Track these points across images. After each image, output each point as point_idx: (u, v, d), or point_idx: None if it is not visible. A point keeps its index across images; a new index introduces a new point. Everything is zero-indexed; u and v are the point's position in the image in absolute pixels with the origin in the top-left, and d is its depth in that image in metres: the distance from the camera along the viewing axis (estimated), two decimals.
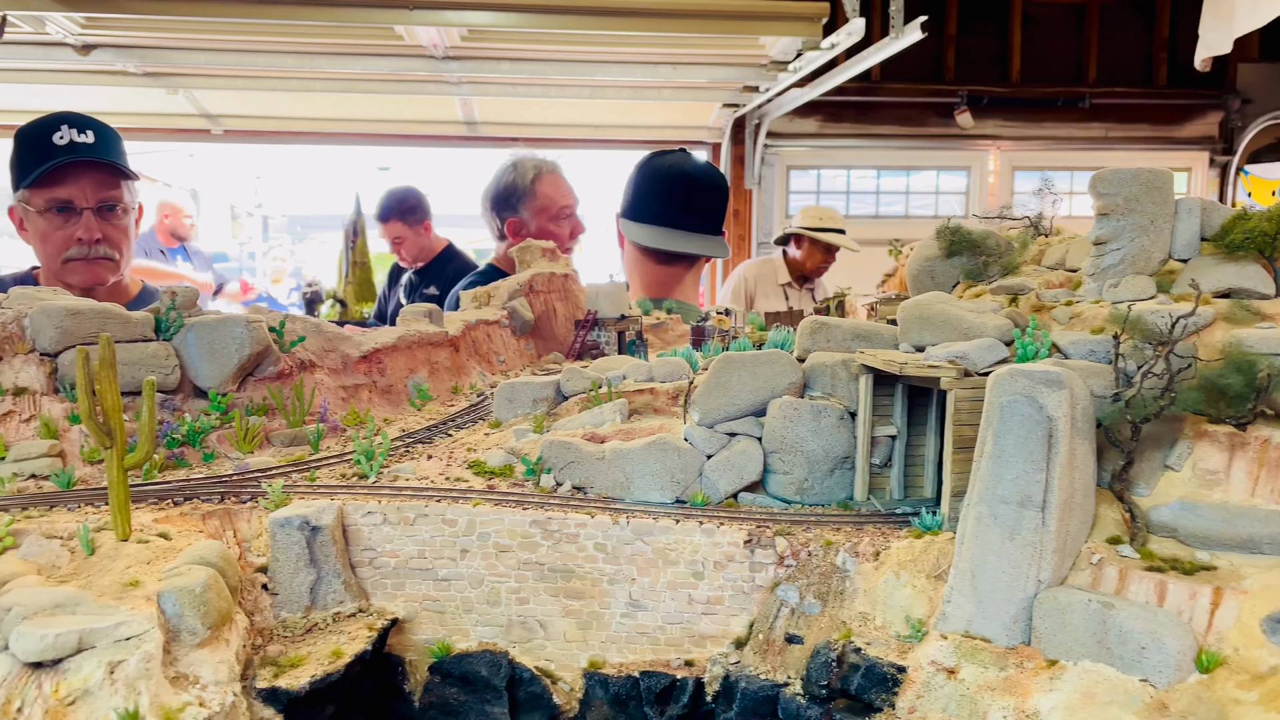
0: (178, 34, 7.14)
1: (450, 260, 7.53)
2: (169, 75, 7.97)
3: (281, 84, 8.18)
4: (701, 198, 5.22)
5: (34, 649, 1.75)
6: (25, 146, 4.01)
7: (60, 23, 6.50)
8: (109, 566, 2.04)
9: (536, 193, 5.47)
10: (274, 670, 2.07)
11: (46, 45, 6.95)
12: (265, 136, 9.63)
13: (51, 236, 3.95)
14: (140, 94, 8.36)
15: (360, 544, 2.37)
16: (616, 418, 2.73)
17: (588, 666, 2.34)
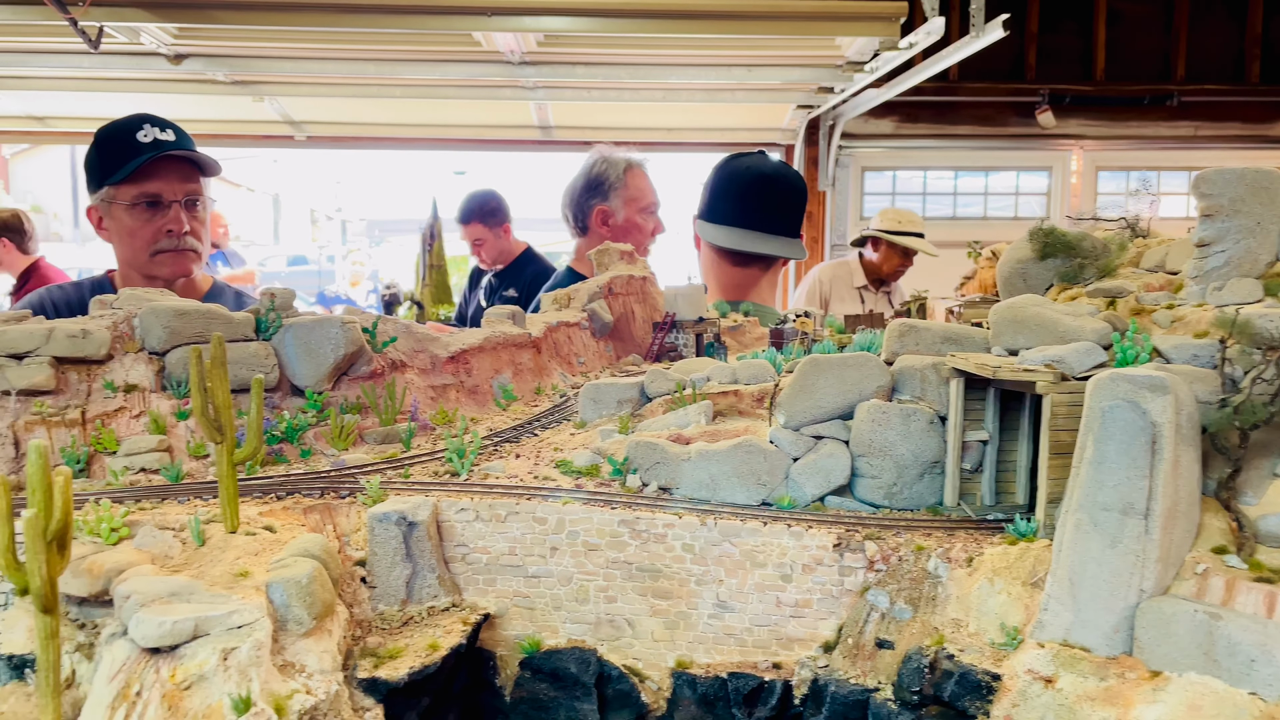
0: (264, 43, 7.38)
1: (529, 263, 7.63)
2: (255, 83, 8.23)
3: (362, 90, 8.39)
4: (778, 199, 5.21)
5: (152, 635, 1.83)
6: (109, 146, 4.18)
7: (154, 33, 6.76)
8: (219, 557, 2.12)
9: (628, 183, 5.52)
10: (374, 661, 2.13)
11: (141, 55, 7.23)
12: (346, 142, 9.88)
13: (140, 231, 4.12)
14: (228, 101, 8.65)
15: (453, 540, 2.43)
16: (701, 419, 2.74)
17: (675, 666, 2.35)
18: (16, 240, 8.44)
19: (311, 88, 8.41)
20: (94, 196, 4.24)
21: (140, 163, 4.02)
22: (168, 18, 6.45)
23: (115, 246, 4.29)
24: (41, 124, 9.05)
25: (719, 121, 9.47)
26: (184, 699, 1.80)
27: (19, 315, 2.75)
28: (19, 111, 8.95)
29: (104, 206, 4.19)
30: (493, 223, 7.61)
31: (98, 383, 2.71)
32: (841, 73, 7.45)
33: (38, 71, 7.70)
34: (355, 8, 6.21)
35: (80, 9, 5.99)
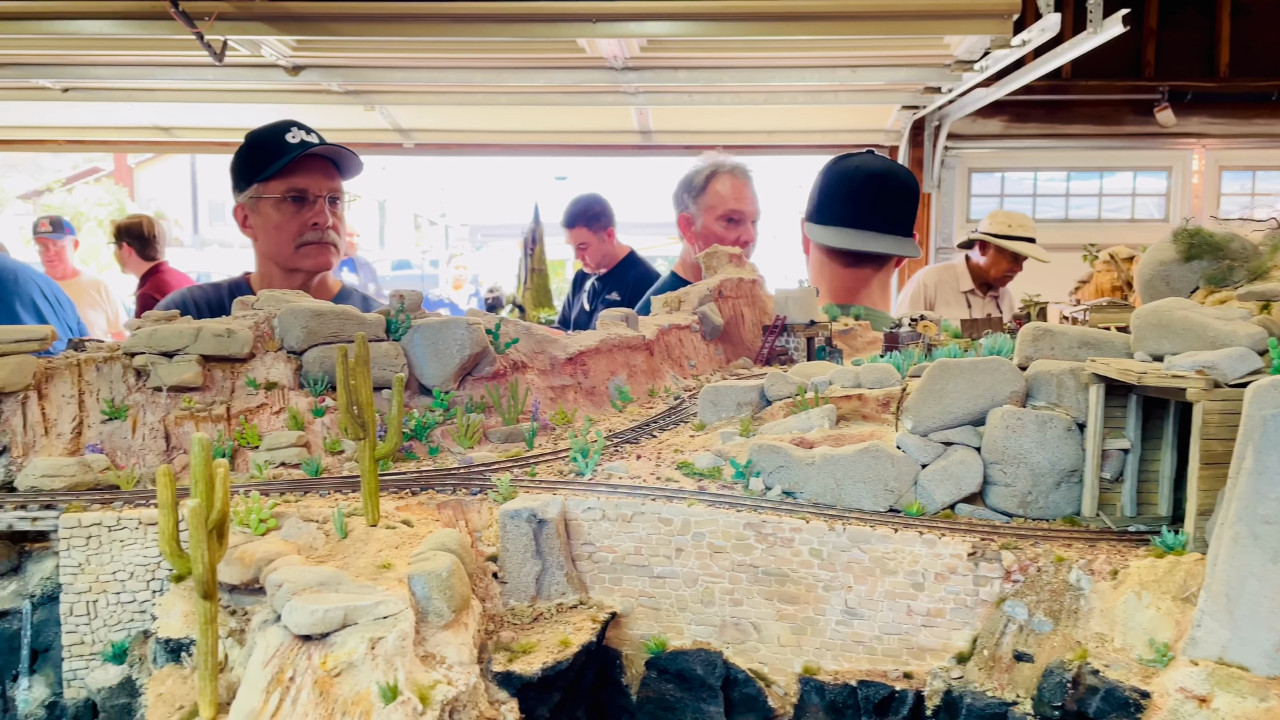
0: (376, 54, 7.61)
1: (632, 267, 7.68)
2: (367, 92, 8.49)
3: (468, 98, 8.58)
4: (888, 196, 5.11)
5: (305, 623, 1.90)
6: (260, 146, 4.42)
7: (274, 46, 7.04)
8: (362, 549, 2.19)
9: (708, 189, 5.51)
10: (508, 655, 2.17)
11: (261, 67, 7.54)
12: (452, 149, 10.12)
13: (286, 224, 4.35)
14: (341, 111, 8.95)
15: (580, 538, 2.46)
16: (825, 423, 2.71)
17: (802, 672, 2.33)
18: (137, 245, 8.90)
19: (420, 96, 8.64)
20: (241, 196, 4.48)
21: (291, 158, 4.24)
22: (288, 31, 6.72)
23: (260, 242, 4.51)
24: (167, 134, 9.52)
25: (821, 124, 9.37)
26: (334, 685, 1.87)
27: (168, 315, 2.90)
28: (146, 122, 9.43)
29: (251, 204, 4.41)
30: (597, 226, 7.69)
31: (241, 380, 2.84)
32: (950, 72, 7.28)
33: (165, 84, 8.09)
34: (465, 17, 6.36)
35: (206, 24, 6.28)
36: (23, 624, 2.36)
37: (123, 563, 2.26)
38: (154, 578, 2.28)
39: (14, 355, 2.55)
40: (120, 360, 2.75)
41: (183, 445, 2.71)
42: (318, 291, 4.49)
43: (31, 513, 2.27)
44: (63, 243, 8.89)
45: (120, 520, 2.26)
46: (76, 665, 2.26)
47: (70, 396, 2.65)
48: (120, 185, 16.89)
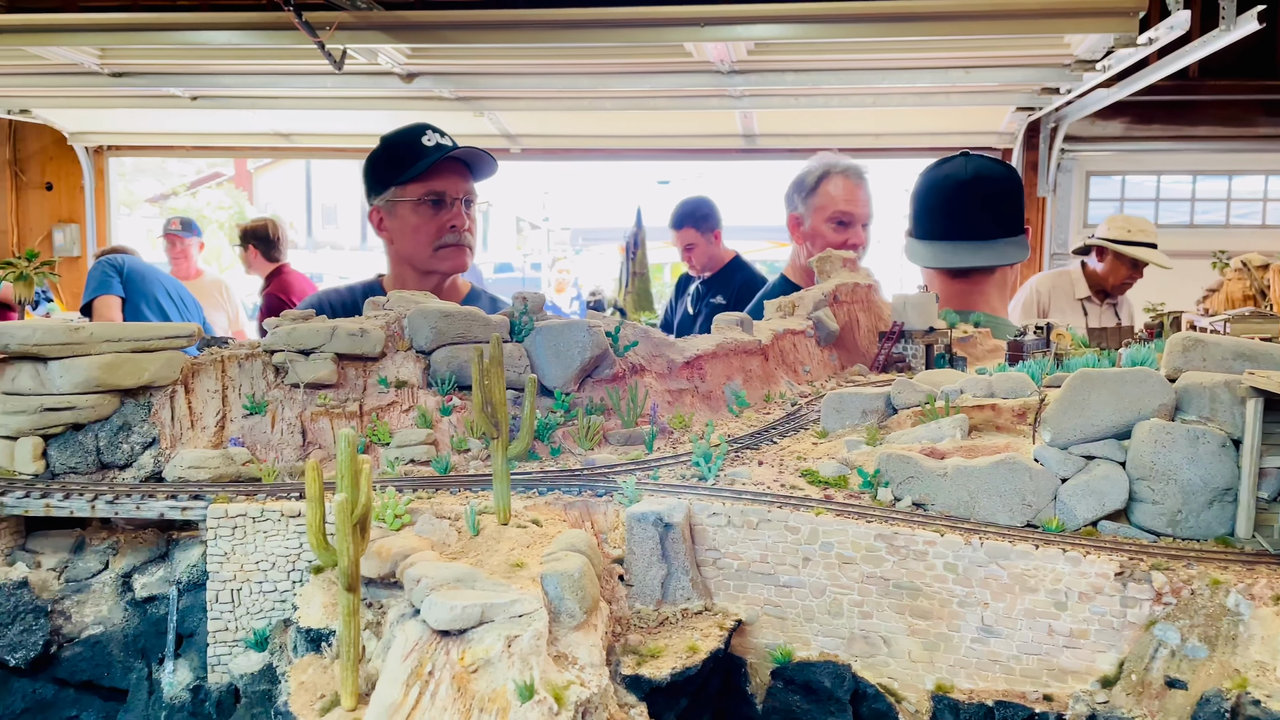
0: (486, 60, 7.75)
1: (737, 270, 7.64)
2: (477, 99, 8.65)
3: (575, 103, 8.66)
4: (983, 203, 4.92)
5: (445, 618, 1.93)
6: (396, 150, 4.53)
7: (390, 54, 7.23)
8: (494, 547, 2.22)
9: (819, 190, 5.42)
10: (636, 659, 2.16)
11: (376, 75, 7.76)
12: (557, 154, 10.23)
13: (424, 226, 4.45)
14: (451, 117, 9.13)
15: (705, 544, 2.44)
16: (956, 433, 2.63)
17: (934, 689, 2.26)
18: (262, 248, 9.25)
19: (528, 102, 8.76)
20: (377, 199, 4.59)
21: (431, 162, 4.34)
22: (404, 39, 6.91)
23: (396, 244, 4.61)
24: (286, 140, 9.89)
25: (930, 126, 9.15)
26: (471, 681, 1.89)
27: (305, 314, 2.99)
28: (267, 129, 9.82)
29: (388, 207, 4.53)
30: (705, 228, 7.67)
31: (372, 378, 2.92)
32: (1070, 72, 7.02)
33: (285, 92, 8.41)
34: (574, 23, 6.42)
35: (328, 34, 6.50)
36: (169, 609, 2.46)
37: (265, 553, 2.34)
38: (294, 568, 2.36)
39: (164, 351, 2.67)
40: (260, 357, 2.85)
41: (318, 440, 2.80)
42: (449, 293, 4.57)
43: (181, 503, 2.37)
44: (189, 242, 9.30)
45: (264, 512, 2.34)
46: (220, 651, 2.35)
47: (214, 391, 2.76)
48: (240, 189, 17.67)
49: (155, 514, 2.37)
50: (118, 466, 2.57)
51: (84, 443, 2.54)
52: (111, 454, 2.56)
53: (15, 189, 9.60)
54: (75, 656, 2.43)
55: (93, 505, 2.36)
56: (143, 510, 2.37)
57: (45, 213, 9.66)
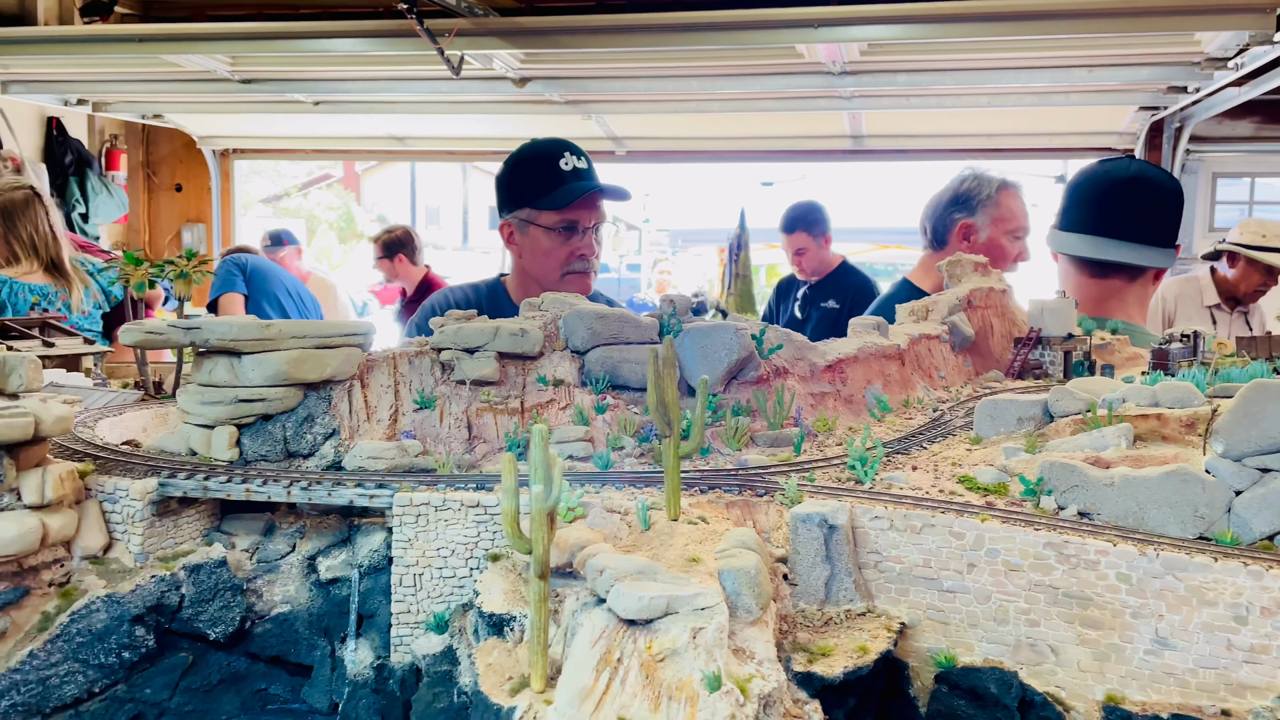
0: (596, 64, 7.87)
1: (848, 274, 7.63)
2: (586, 102, 8.78)
3: (682, 106, 8.72)
4: (1143, 203, 4.84)
5: (632, 608, 2.01)
6: (535, 171, 4.62)
7: (505, 59, 7.41)
8: (667, 542, 2.30)
9: (999, 203, 5.37)
10: (807, 656, 2.21)
11: (490, 80, 7.95)
12: (662, 156, 10.32)
13: (555, 252, 4.55)
14: (560, 120, 9.31)
15: (866, 546, 2.47)
16: (1121, 443, 2.61)
17: (1105, 700, 2.25)
18: (410, 255, 9.63)
19: (635, 104, 8.86)
20: (509, 214, 4.69)
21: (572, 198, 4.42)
22: (519, 45, 7.06)
23: (524, 261, 4.72)
24: (400, 143, 10.20)
25: (1048, 126, 8.94)
26: (658, 670, 1.97)
27: (468, 315, 3.12)
28: (382, 132, 10.15)
29: (520, 225, 4.63)
30: (816, 233, 7.68)
31: (531, 376, 3.03)
32: (1198, 70, 6.79)
33: (402, 96, 8.68)
34: (686, 26, 6.48)
35: (447, 40, 6.71)
36: (351, 591, 2.61)
37: (446, 540, 2.46)
38: (471, 555, 2.47)
39: (344, 347, 2.82)
40: (429, 355, 2.99)
41: (483, 435, 2.92)
42: None
43: (368, 491, 2.51)
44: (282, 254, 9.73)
45: (445, 501, 2.46)
46: (403, 632, 2.48)
47: (388, 386, 2.90)
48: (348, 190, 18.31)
49: (345, 500, 2.51)
50: (302, 455, 2.73)
51: (273, 432, 2.70)
52: (297, 443, 2.72)
53: (148, 190, 10.13)
54: (265, 633, 2.59)
55: (288, 491, 2.51)
56: (334, 497, 2.52)
57: (175, 213, 10.18)
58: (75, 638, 2.29)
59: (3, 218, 5.63)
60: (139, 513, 2.48)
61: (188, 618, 2.47)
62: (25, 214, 5.70)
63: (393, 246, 9.54)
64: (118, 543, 2.51)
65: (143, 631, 2.39)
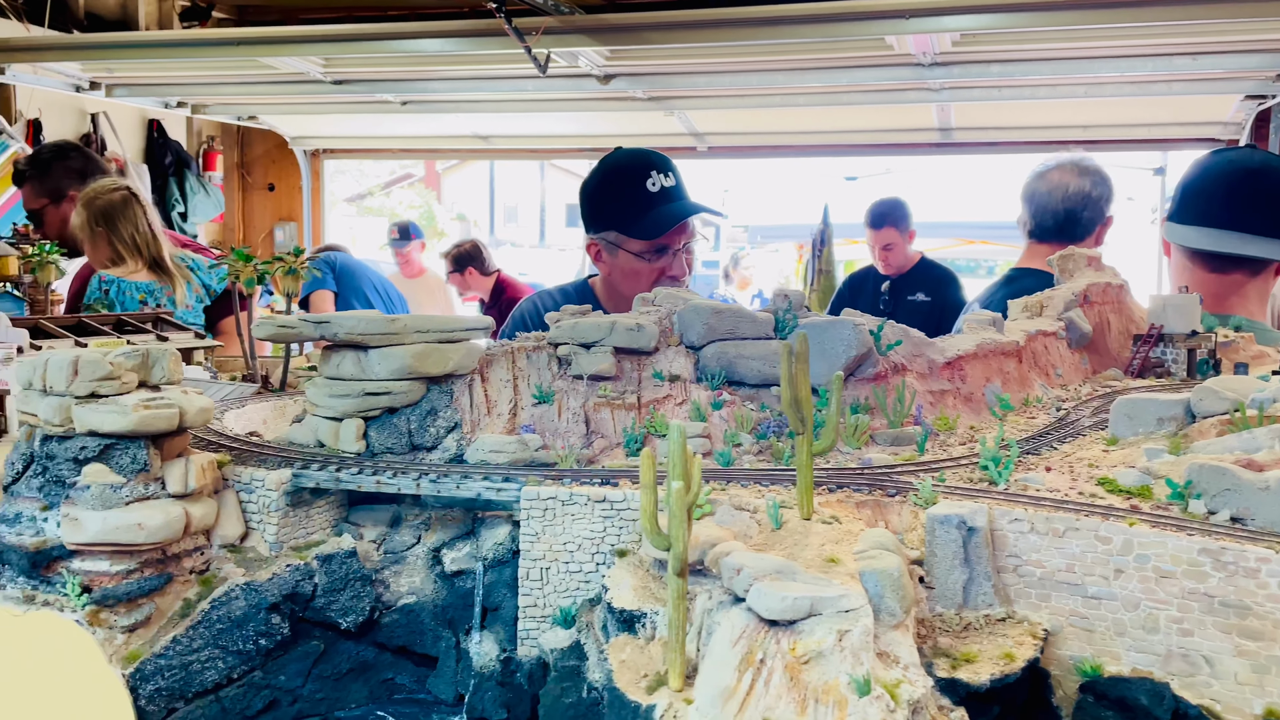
0: (680, 60, 7.84)
1: (932, 267, 7.55)
2: (669, 98, 8.76)
3: (766, 100, 8.64)
4: (1265, 194, 4.61)
5: (776, 608, 1.97)
6: (622, 195, 4.54)
7: (590, 56, 7.42)
8: (802, 542, 2.25)
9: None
10: (950, 662, 2.14)
11: (575, 77, 7.97)
12: (744, 151, 10.25)
13: (643, 273, 4.50)
14: (643, 117, 9.31)
15: (1005, 550, 2.39)
16: (1275, 444, 2.48)
17: (1265, 715, 2.13)
18: (478, 266, 9.80)
19: (718, 100, 8.81)
20: (597, 234, 4.62)
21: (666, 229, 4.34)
22: (605, 41, 7.07)
23: (612, 278, 4.66)
24: (485, 141, 10.31)
25: (1147, 117, 8.64)
26: (803, 672, 1.92)
27: (583, 310, 3.12)
28: (467, 131, 10.27)
29: (609, 247, 4.57)
30: (903, 228, 7.59)
31: (647, 371, 3.01)
32: None
33: (488, 95, 8.77)
34: (774, 20, 6.40)
35: (534, 38, 6.74)
36: (476, 584, 2.62)
37: (572, 535, 2.45)
38: (597, 551, 2.46)
39: (465, 342, 2.83)
40: (546, 349, 2.99)
41: (600, 430, 2.91)
42: None
43: (496, 484, 2.52)
44: (408, 249, 9.93)
45: (572, 496, 2.45)
46: (529, 625, 2.48)
47: (507, 381, 2.91)
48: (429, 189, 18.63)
49: (473, 493, 2.52)
50: (426, 448, 2.75)
51: (398, 425, 2.73)
52: (421, 436, 2.74)
53: (242, 190, 10.43)
54: (392, 623, 2.62)
55: (418, 483, 2.54)
56: (462, 490, 2.53)
57: (268, 212, 10.46)
58: (215, 624, 2.34)
59: (104, 220, 5.81)
60: (274, 503, 2.52)
61: (320, 607, 2.50)
62: (125, 215, 5.87)
63: (461, 260, 9.72)
64: (253, 532, 2.56)
65: (278, 619, 2.43)
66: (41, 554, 2.25)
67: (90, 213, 5.76)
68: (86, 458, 2.29)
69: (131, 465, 2.30)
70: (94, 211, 5.75)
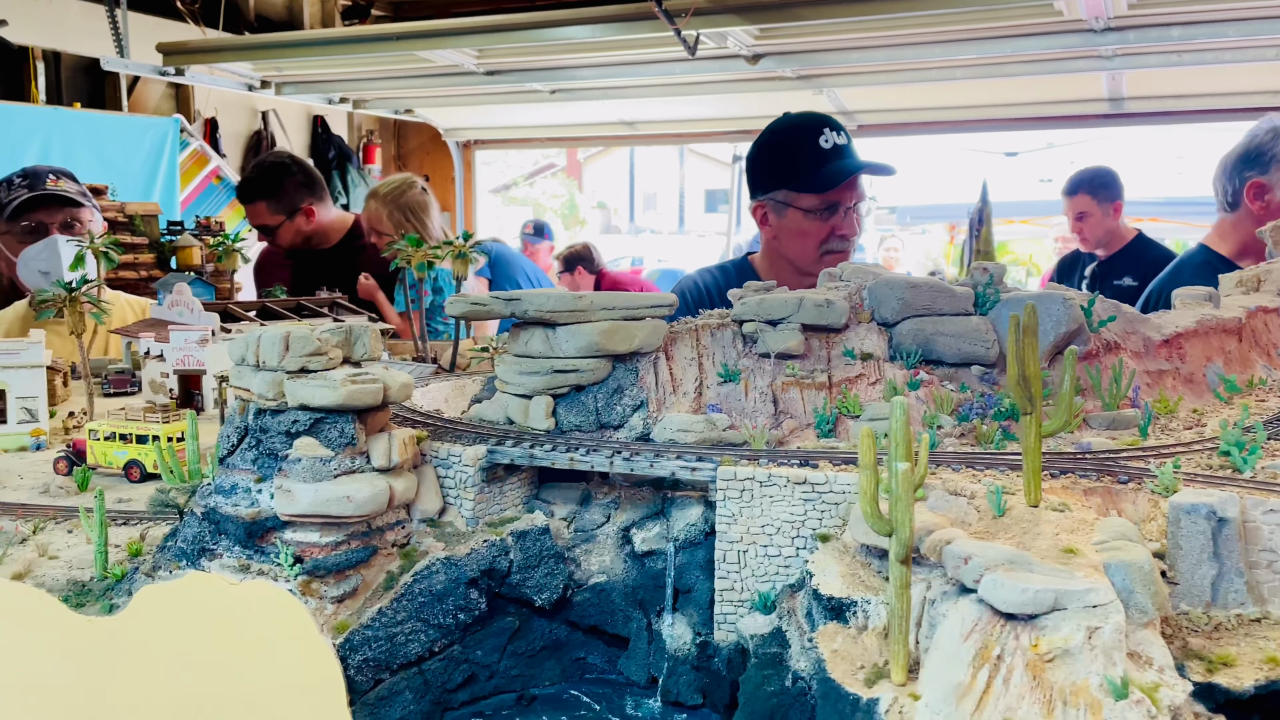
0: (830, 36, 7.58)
1: (1147, 248, 6.94)
2: (819, 76, 8.51)
3: (920, 75, 8.27)
4: None
5: (1015, 600, 1.82)
6: (793, 152, 4.45)
7: (739, 37, 7.25)
8: (1031, 530, 2.08)
9: None
10: (1204, 665, 1.94)
11: (724, 58, 7.83)
12: (896, 129, 9.89)
13: (815, 233, 4.40)
14: (791, 96, 9.03)
15: (1258, 544, 2.15)
16: None
17: None
18: (587, 266, 9.96)
19: (868, 77, 8.50)
20: (765, 196, 4.54)
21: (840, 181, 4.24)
22: (755, 20, 6.90)
23: (780, 242, 4.57)
24: (630, 128, 10.30)
25: None
26: (1047, 671, 1.77)
27: (768, 286, 3.01)
28: (613, 118, 10.28)
29: (777, 208, 4.48)
30: (1103, 197, 7.03)
31: (836, 349, 2.88)
32: None
33: (634, 81, 8.73)
34: None
35: (684, 20, 6.63)
36: (667, 565, 2.55)
37: (771, 517, 2.36)
38: (798, 535, 2.36)
39: (650, 319, 2.77)
40: (730, 327, 2.90)
41: (789, 410, 2.80)
42: None
43: (690, 463, 2.45)
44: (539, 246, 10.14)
45: (771, 477, 2.35)
46: (726, 610, 2.40)
47: (691, 359, 2.84)
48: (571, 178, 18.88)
49: (667, 472, 2.46)
50: (612, 426, 2.71)
51: (585, 403, 2.70)
52: (608, 414, 2.70)
53: None
54: (584, 602, 2.59)
55: (611, 461, 2.49)
56: (655, 469, 2.47)
57: None
58: (418, 598, 2.36)
59: (413, 215, 6.18)
60: (470, 478, 2.53)
61: (516, 583, 2.50)
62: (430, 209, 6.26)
63: (571, 261, 9.91)
64: (450, 507, 2.57)
65: (476, 594, 2.44)
66: (256, 524, 2.31)
67: (397, 209, 6.14)
68: (298, 431, 2.34)
69: (340, 439, 2.34)
70: (401, 209, 6.14)
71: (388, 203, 6.21)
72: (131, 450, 3.14)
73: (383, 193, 6.28)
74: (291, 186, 6.86)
